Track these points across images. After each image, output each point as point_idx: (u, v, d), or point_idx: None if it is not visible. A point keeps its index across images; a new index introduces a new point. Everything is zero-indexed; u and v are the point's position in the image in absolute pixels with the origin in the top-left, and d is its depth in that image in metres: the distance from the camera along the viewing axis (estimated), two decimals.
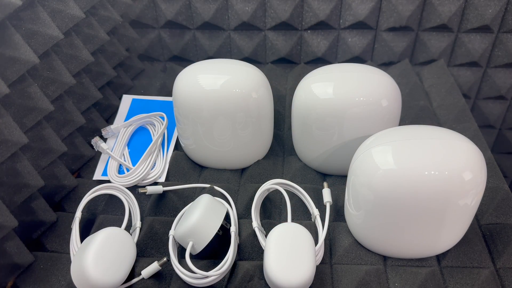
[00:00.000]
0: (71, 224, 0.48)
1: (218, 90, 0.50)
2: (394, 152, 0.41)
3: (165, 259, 0.44)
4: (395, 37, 0.76)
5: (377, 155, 0.41)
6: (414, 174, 0.39)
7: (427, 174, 0.39)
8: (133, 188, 0.54)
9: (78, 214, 0.48)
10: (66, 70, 0.55)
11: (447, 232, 0.43)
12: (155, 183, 0.56)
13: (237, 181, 0.56)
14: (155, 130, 0.61)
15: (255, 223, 0.47)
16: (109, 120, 0.67)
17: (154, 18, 0.78)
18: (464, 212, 0.42)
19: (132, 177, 0.54)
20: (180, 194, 0.53)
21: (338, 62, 0.80)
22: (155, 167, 0.57)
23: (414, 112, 0.65)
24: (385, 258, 0.47)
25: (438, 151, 0.40)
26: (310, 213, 0.50)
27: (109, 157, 0.58)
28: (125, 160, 0.58)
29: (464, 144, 0.41)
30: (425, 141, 0.41)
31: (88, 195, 0.50)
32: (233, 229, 0.46)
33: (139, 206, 0.51)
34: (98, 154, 0.60)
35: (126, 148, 0.60)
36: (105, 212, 0.53)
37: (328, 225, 0.48)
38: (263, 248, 0.44)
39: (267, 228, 0.48)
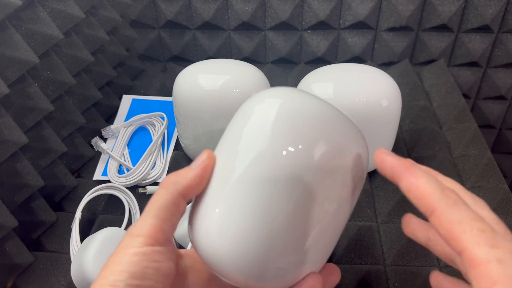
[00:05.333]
0: (71, 224, 0.48)
1: (218, 90, 0.50)
2: None
3: None
4: (395, 37, 0.76)
5: None
6: None
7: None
8: (133, 188, 0.54)
9: (78, 214, 0.48)
10: (66, 70, 0.55)
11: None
12: (155, 183, 0.56)
13: None
14: (155, 130, 0.61)
15: None
16: (109, 120, 0.67)
17: (154, 18, 0.77)
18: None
19: (132, 177, 0.54)
20: None
21: (338, 62, 0.80)
22: (155, 167, 0.57)
23: (414, 112, 0.65)
24: (384, 258, 0.47)
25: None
26: None
27: (109, 157, 0.58)
28: (125, 160, 0.58)
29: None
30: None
31: (88, 195, 0.50)
32: None
33: (139, 206, 0.51)
34: (98, 154, 0.60)
35: (126, 148, 0.60)
36: (105, 212, 0.53)
37: None
38: None
39: None
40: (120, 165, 0.58)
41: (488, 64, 0.77)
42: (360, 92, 0.49)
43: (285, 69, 0.79)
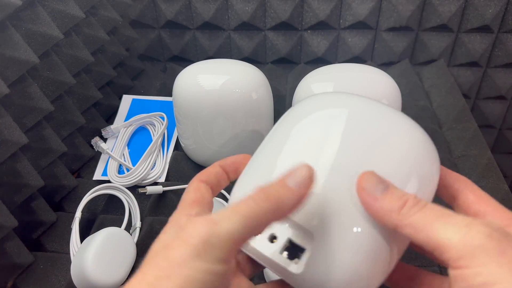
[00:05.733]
0: (71, 224, 0.48)
1: (218, 90, 0.50)
2: None
3: None
4: (395, 37, 0.76)
5: None
6: None
7: None
8: (133, 188, 0.54)
9: (78, 214, 0.48)
10: (66, 70, 0.55)
11: None
12: (155, 183, 0.56)
13: None
14: (155, 130, 0.61)
15: None
16: (109, 120, 0.67)
17: (154, 18, 0.77)
18: None
19: (132, 177, 0.54)
20: (180, 194, 0.53)
21: (338, 62, 0.80)
22: (155, 167, 0.56)
23: (414, 112, 0.65)
24: None
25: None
26: None
27: (109, 157, 0.58)
28: (125, 160, 0.58)
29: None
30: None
31: (88, 195, 0.50)
32: None
33: (139, 206, 0.51)
34: (98, 154, 0.60)
35: (126, 148, 0.60)
36: (105, 212, 0.53)
37: None
38: None
39: None
40: (120, 165, 0.58)
41: (488, 64, 0.77)
42: (360, 92, 0.49)
43: (285, 69, 0.79)
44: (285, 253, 0.24)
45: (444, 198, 0.26)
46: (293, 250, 0.24)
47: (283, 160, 0.26)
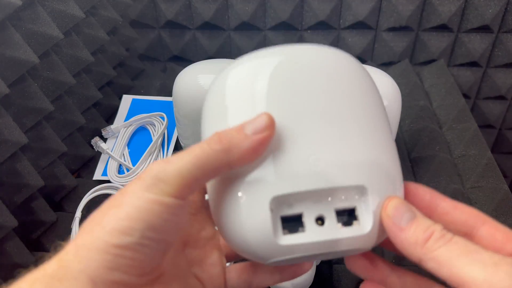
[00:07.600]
0: (71, 224, 0.48)
1: None
2: None
3: None
4: (395, 37, 0.76)
5: None
6: None
7: None
8: None
9: (78, 214, 0.48)
10: (66, 70, 0.55)
11: None
12: None
13: None
14: (155, 130, 0.61)
15: None
16: (109, 120, 0.67)
17: (154, 18, 0.77)
18: None
19: (132, 177, 0.54)
20: None
21: None
22: None
23: (414, 112, 0.65)
24: (384, 258, 0.46)
25: None
26: None
27: (109, 157, 0.58)
28: (125, 160, 0.58)
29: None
30: None
31: (88, 195, 0.50)
32: None
33: None
34: (98, 154, 0.60)
35: (126, 148, 0.60)
36: None
37: None
38: None
39: None
40: (120, 165, 0.58)
41: (488, 64, 0.77)
42: None
43: None
44: (340, 225, 0.23)
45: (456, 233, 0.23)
46: (345, 217, 0.23)
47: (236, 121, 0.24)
